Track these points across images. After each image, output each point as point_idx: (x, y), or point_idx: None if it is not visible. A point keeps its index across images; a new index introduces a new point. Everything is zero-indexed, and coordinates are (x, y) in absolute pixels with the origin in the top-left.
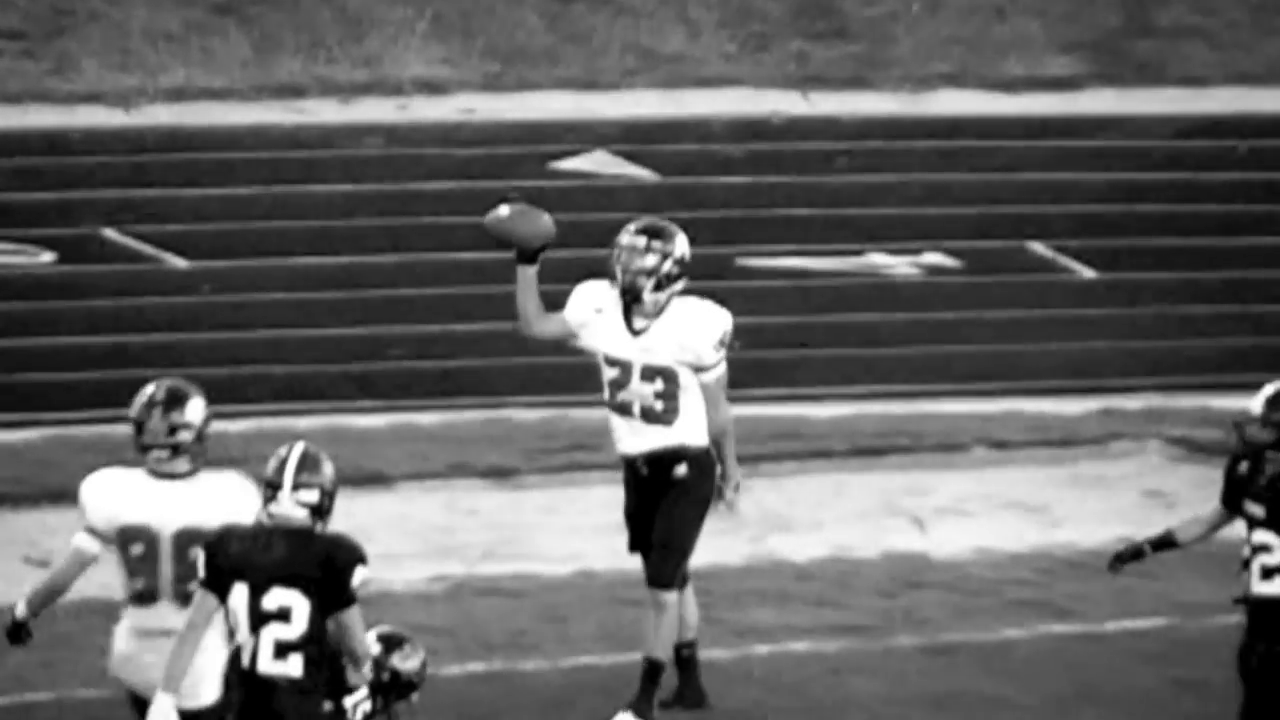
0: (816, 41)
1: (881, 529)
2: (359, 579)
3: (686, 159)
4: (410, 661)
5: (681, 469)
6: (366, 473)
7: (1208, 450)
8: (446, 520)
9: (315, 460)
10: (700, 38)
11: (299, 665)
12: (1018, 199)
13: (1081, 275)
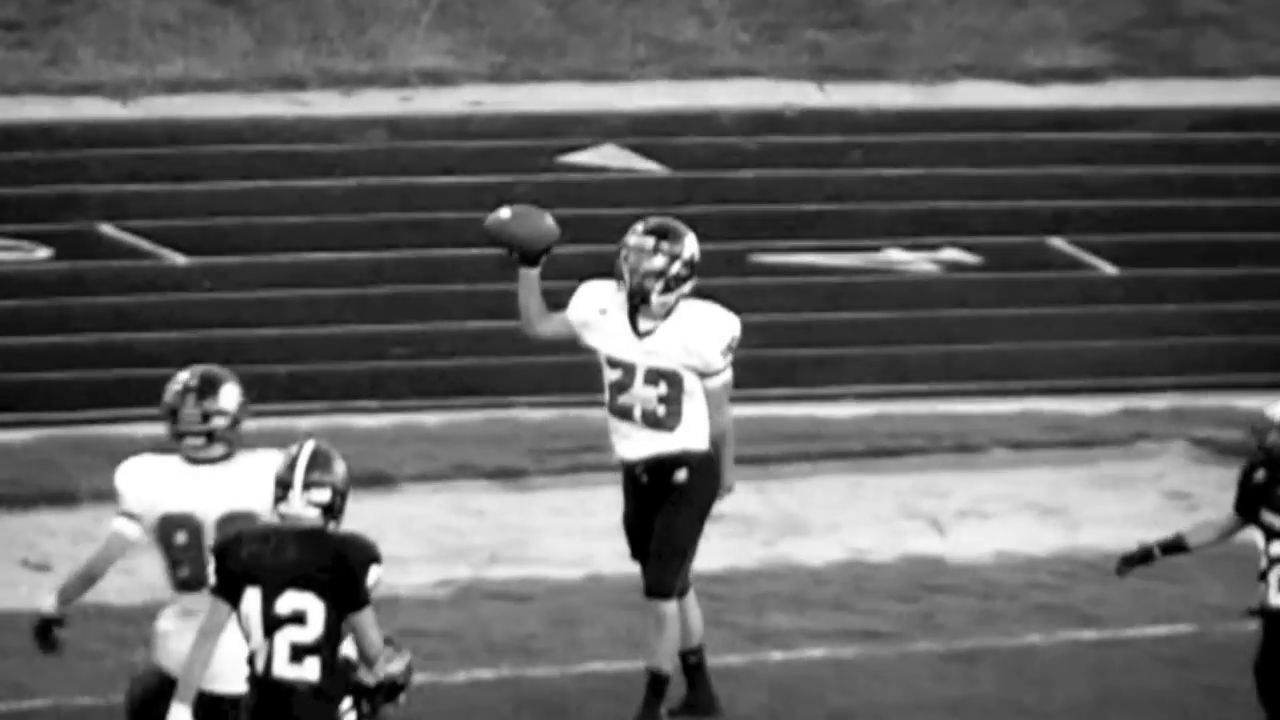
0: (832, 32)
1: (899, 532)
2: (373, 578)
3: (698, 152)
4: (394, 664)
5: (682, 474)
6: (370, 474)
7: (1233, 451)
8: (452, 522)
9: (327, 458)
10: (713, 28)
11: (316, 669)
12: (1038, 193)
13: (1104, 271)
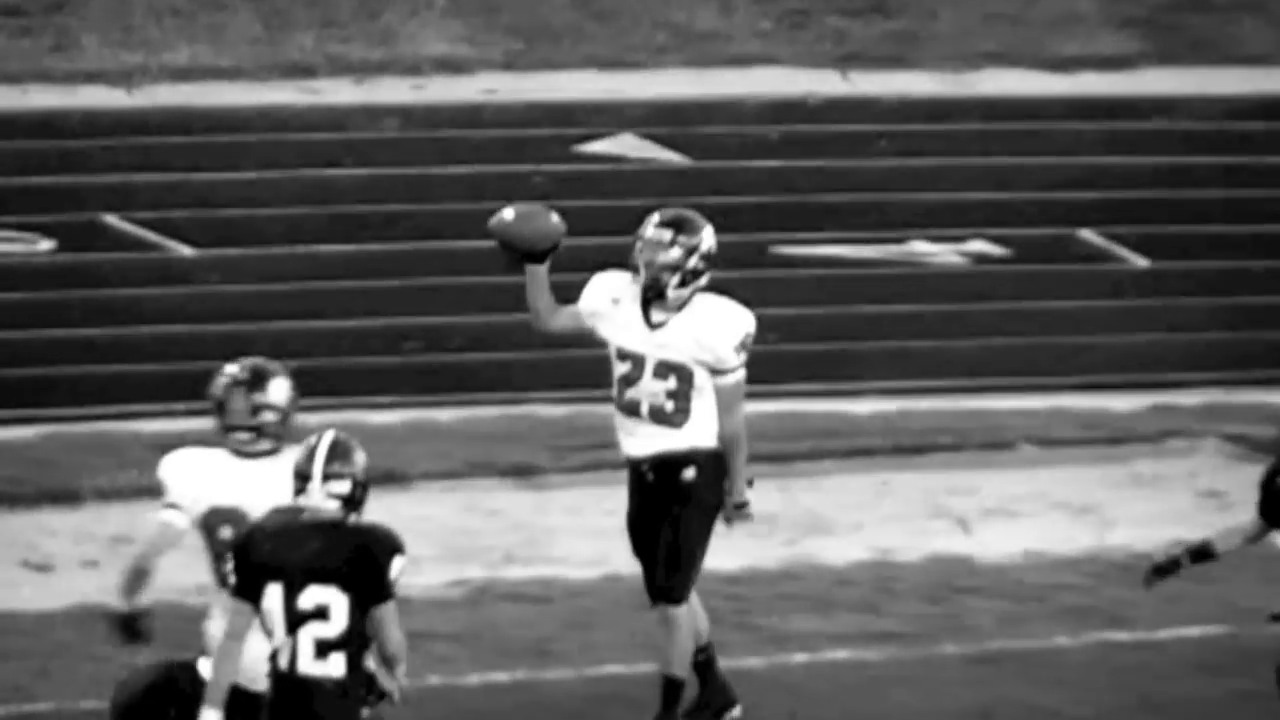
0: (855, 18)
1: (925, 531)
2: (397, 569)
3: (719, 142)
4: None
5: (690, 473)
6: (382, 471)
7: (1267, 449)
8: (466, 521)
9: (346, 449)
10: (734, 15)
11: (341, 664)
12: (1067, 184)
13: (1135, 264)
